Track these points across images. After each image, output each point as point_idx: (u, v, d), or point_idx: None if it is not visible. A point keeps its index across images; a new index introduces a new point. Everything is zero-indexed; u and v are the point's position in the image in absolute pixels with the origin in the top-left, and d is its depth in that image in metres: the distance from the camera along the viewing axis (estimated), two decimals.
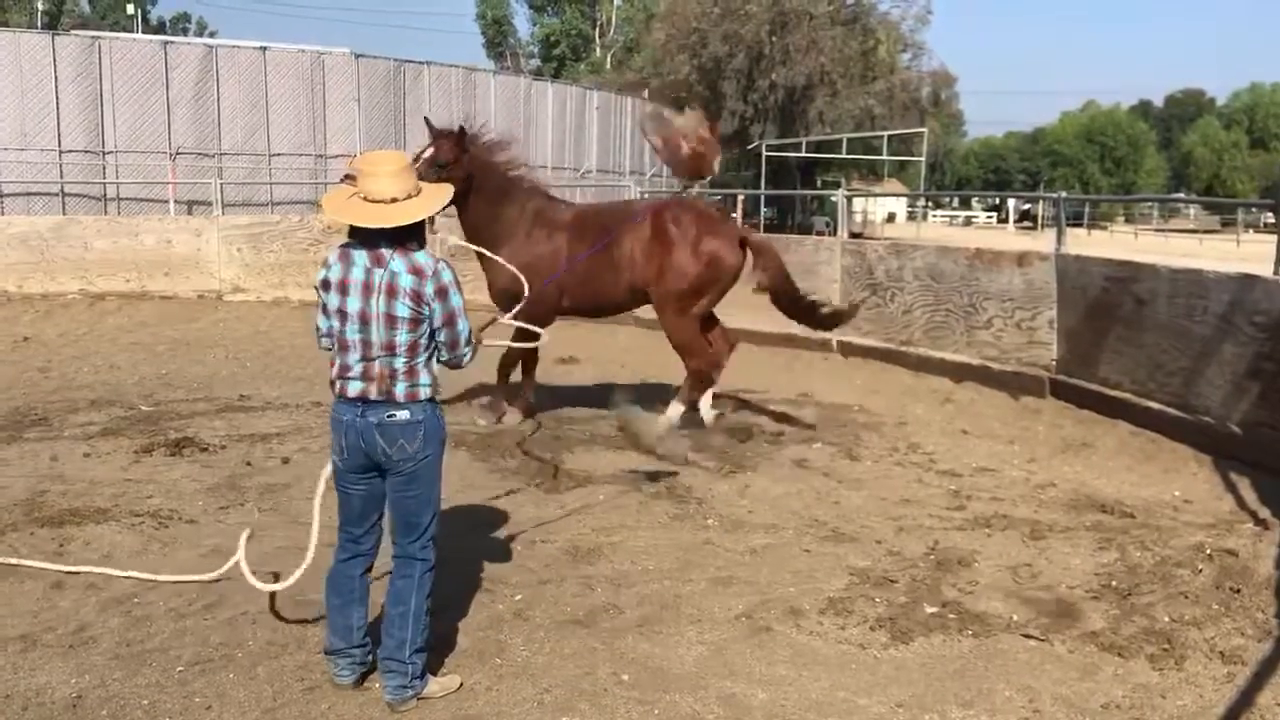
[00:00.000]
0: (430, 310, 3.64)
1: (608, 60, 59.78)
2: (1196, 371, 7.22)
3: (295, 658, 4.07)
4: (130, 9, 58.27)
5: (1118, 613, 4.57)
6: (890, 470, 6.96)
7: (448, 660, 4.07)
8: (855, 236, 21.06)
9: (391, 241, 3.61)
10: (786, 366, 10.48)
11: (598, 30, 64.15)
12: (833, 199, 24.51)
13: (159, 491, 6.12)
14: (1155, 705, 3.82)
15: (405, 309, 3.60)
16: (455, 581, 4.71)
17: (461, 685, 3.86)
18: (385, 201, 3.59)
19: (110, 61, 17.94)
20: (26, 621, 4.34)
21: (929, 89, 45.21)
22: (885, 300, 10.51)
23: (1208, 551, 5.23)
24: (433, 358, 3.75)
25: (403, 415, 3.65)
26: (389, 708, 3.70)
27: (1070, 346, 8.67)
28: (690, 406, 7.62)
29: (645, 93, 34.27)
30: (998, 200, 72.95)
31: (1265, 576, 4.89)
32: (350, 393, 3.68)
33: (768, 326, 9.70)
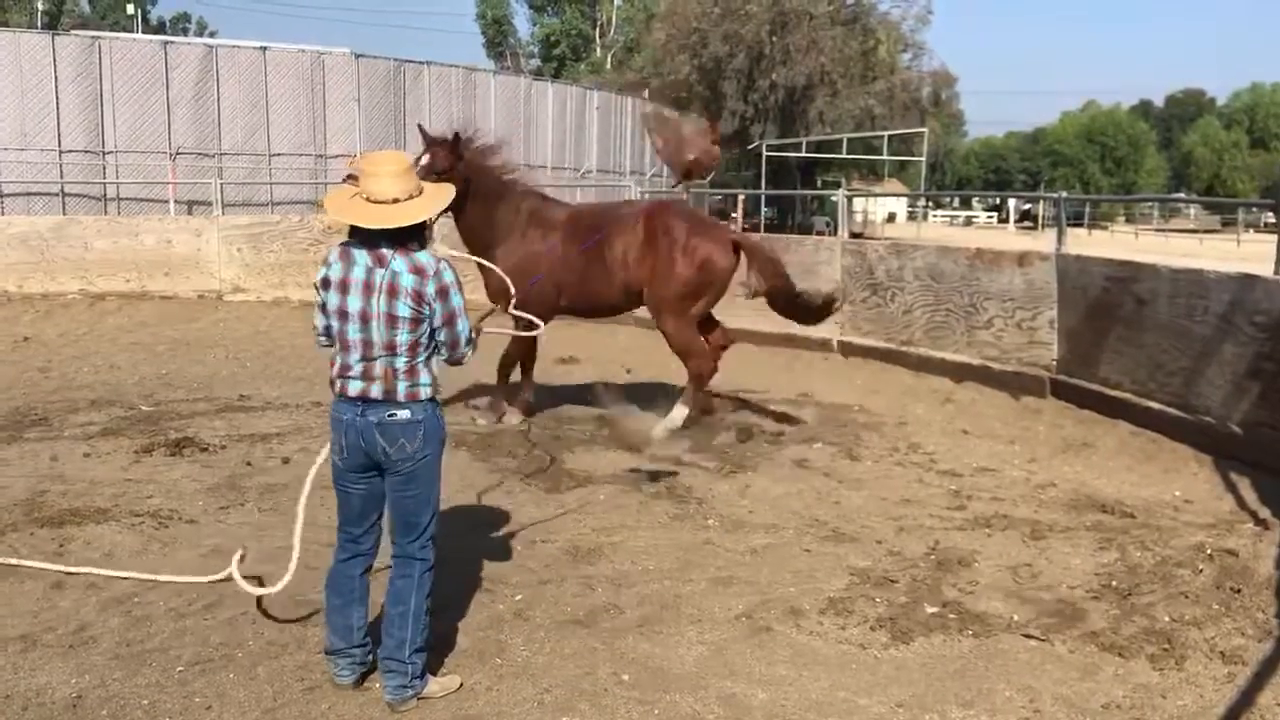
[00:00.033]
0: (431, 310, 3.65)
1: (608, 60, 59.78)
2: (1197, 371, 7.22)
3: (295, 658, 4.07)
4: (130, 9, 58.29)
5: (1118, 613, 4.57)
6: (891, 470, 6.96)
7: (448, 660, 4.07)
8: (856, 236, 21.04)
9: (393, 242, 3.62)
10: (786, 366, 10.48)
11: (598, 30, 64.15)
12: (833, 199, 24.50)
13: (159, 491, 6.11)
14: (1156, 705, 3.82)
15: (406, 309, 3.60)
16: (455, 581, 4.71)
17: (461, 685, 3.86)
18: (387, 202, 3.59)
19: (110, 61, 17.94)
20: (27, 621, 4.34)
21: (929, 89, 45.21)
22: (886, 300, 10.50)
23: (1208, 551, 5.23)
24: (433, 357, 3.76)
25: (403, 415, 3.65)
26: (389, 708, 3.70)
27: (1071, 346, 8.67)
28: (697, 408, 7.61)
29: (645, 93, 34.29)
30: (998, 200, 72.97)
31: (1265, 576, 4.89)
32: (350, 392, 3.68)
33: (768, 326, 9.70)
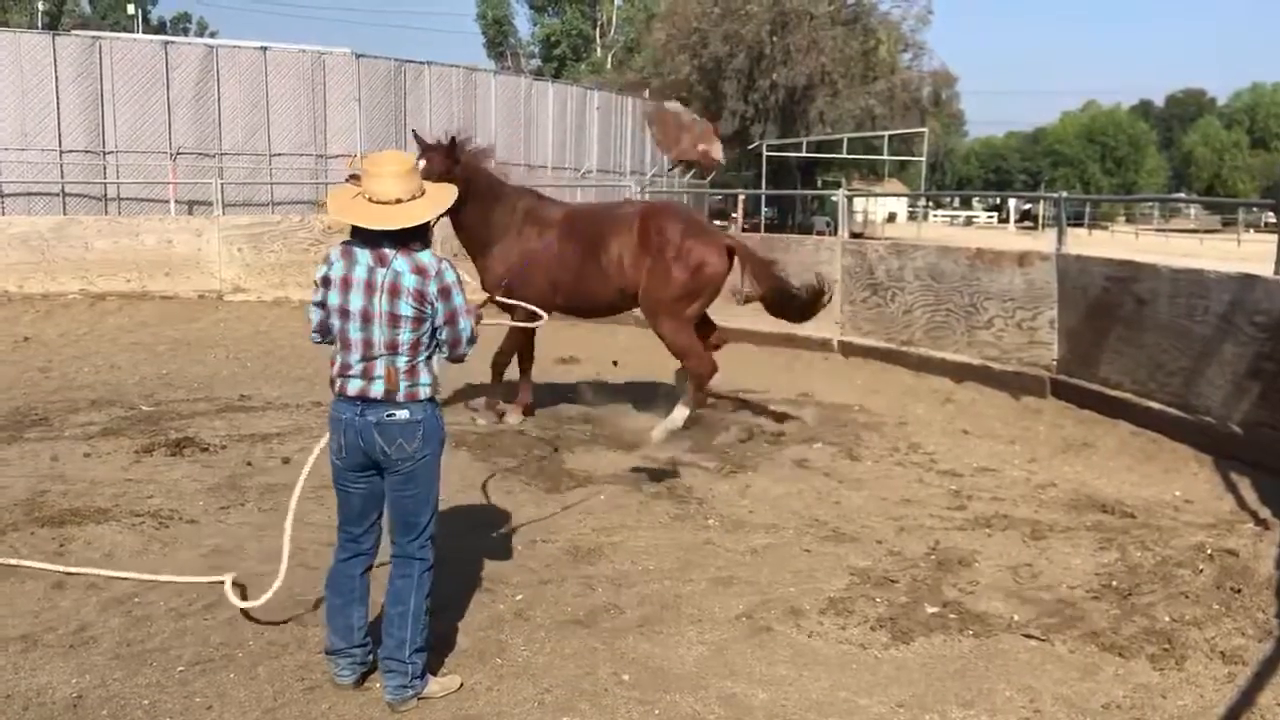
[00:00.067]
0: (433, 310, 3.65)
1: (608, 60, 59.78)
2: (1197, 371, 7.22)
3: (296, 658, 4.07)
4: (131, 9, 58.34)
5: (1118, 613, 4.57)
6: (891, 470, 6.96)
7: (448, 660, 4.07)
8: (856, 236, 21.03)
9: (395, 242, 3.62)
10: (786, 366, 10.48)
11: (598, 30, 64.15)
12: (833, 199, 24.48)
13: (159, 491, 6.11)
14: (1156, 705, 3.82)
15: (409, 308, 3.61)
16: (456, 581, 4.71)
17: (462, 685, 3.86)
18: (390, 203, 3.59)
19: (111, 61, 17.93)
20: (27, 621, 4.34)
21: (930, 89, 45.21)
22: (886, 300, 10.50)
23: (1208, 551, 5.23)
24: (433, 356, 3.76)
25: (402, 415, 3.65)
26: (389, 708, 3.70)
27: (1071, 346, 8.67)
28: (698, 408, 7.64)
29: (646, 93, 34.28)
30: (998, 200, 72.97)
31: (1266, 576, 4.89)
32: (350, 391, 3.67)
33: (767, 326, 9.69)
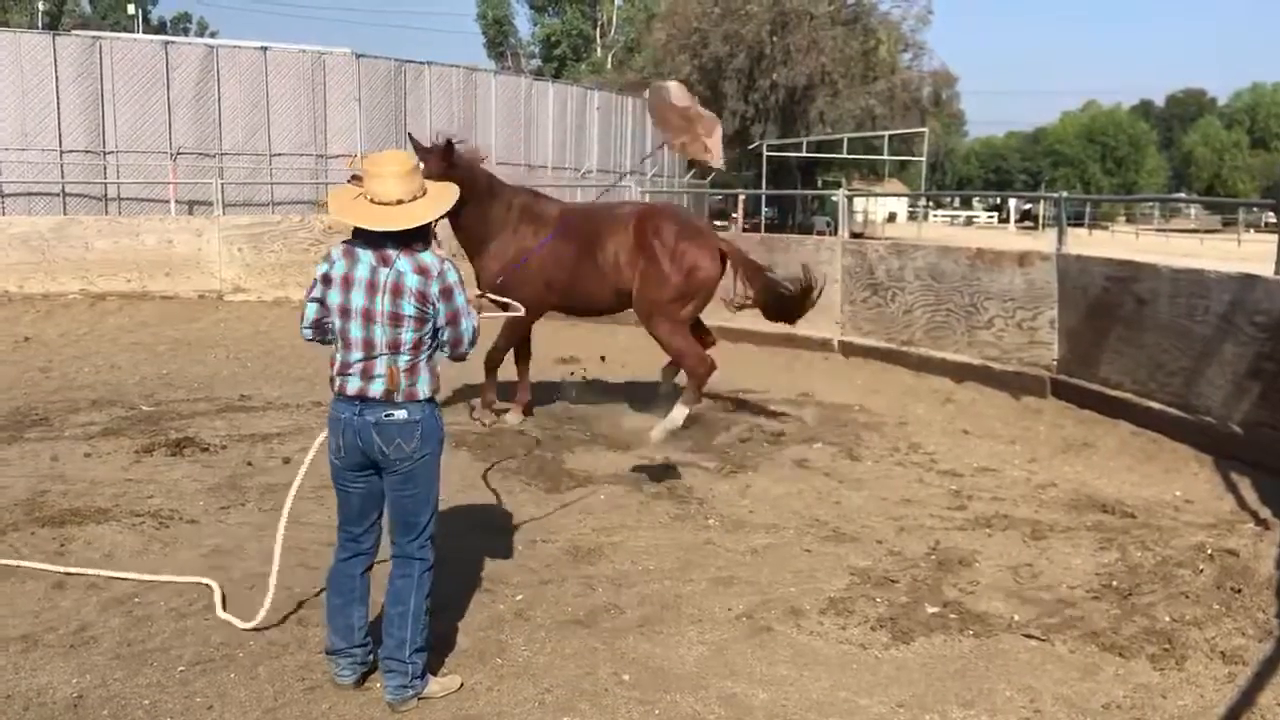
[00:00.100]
0: (435, 310, 3.65)
1: (609, 60, 59.79)
2: (1197, 371, 7.22)
3: (296, 658, 4.07)
4: (131, 9, 58.36)
5: (1119, 613, 4.57)
6: (891, 470, 6.96)
7: (449, 660, 4.07)
8: (856, 236, 21.04)
9: (398, 242, 3.62)
10: (786, 366, 10.48)
11: (598, 30, 64.16)
12: (833, 199, 24.49)
13: (160, 491, 6.11)
14: (1156, 705, 3.82)
15: (411, 308, 3.61)
16: (456, 581, 4.71)
17: (462, 685, 3.86)
18: (391, 203, 3.59)
19: (111, 61, 17.94)
20: (28, 621, 4.34)
21: (930, 89, 45.22)
22: (886, 300, 10.50)
23: (1209, 551, 5.23)
24: (433, 355, 3.76)
25: (400, 415, 3.65)
26: (390, 708, 3.70)
27: (1071, 346, 8.67)
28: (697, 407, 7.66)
29: (646, 93, 34.25)
30: (999, 200, 72.98)
31: (1266, 576, 4.89)
32: (349, 390, 3.67)
33: (768, 326, 9.66)
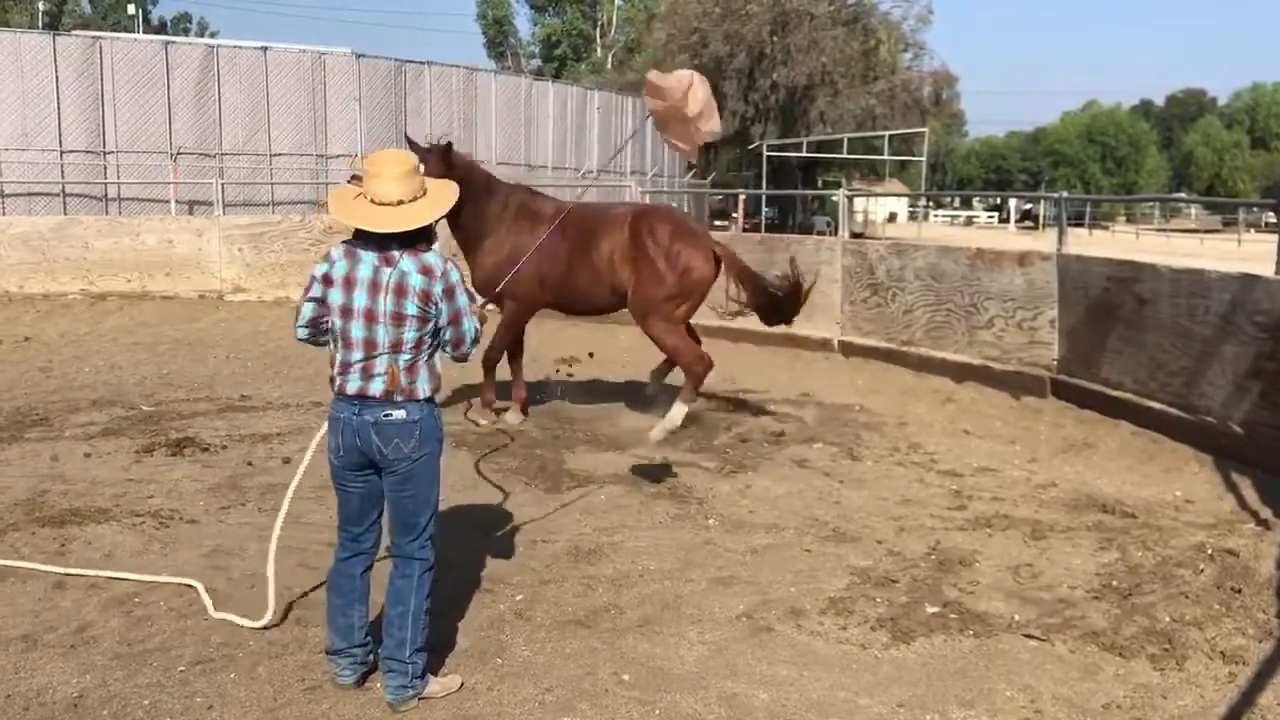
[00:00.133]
0: (438, 309, 3.65)
1: (609, 60, 59.80)
2: (1198, 371, 7.21)
3: (296, 658, 4.07)
4: (131, 9, 58.36)
5: (1119, 613, 4.57)
6: (891, 470, 6.96)
7: (449, 660, 4.07)
8: (856, 236, 21.03)
9: (402, 243, 3.62)
10: (786, 366, 10.48)
11: (599, 30, 64.18)
12: (834, 199, 24.46)
13: (160, 491, 6.12)
14: (1156, 705, 3.82)
15: (414, 307, 3.61)
16: (456, 581, 4.71)
17: (462, 685, 3.86)
18: (392, 204, 3.59)
19: (111, 62, 17.96)
20: (28, 621, 4.34)
21: (930, 89, 45.15)
22: (886, 300, 10.50)
23: (1209, 551, 5.23)
24: (434, 355, 3.76)
25: (399, 414, 3.65)
26: (390, 708, 3.70)
27: (1071, 346, 8.66)
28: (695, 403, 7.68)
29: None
30: (999, 200, 72.98)
31: (1266, 576, 4.89)
32: (349, 389, 3.67)
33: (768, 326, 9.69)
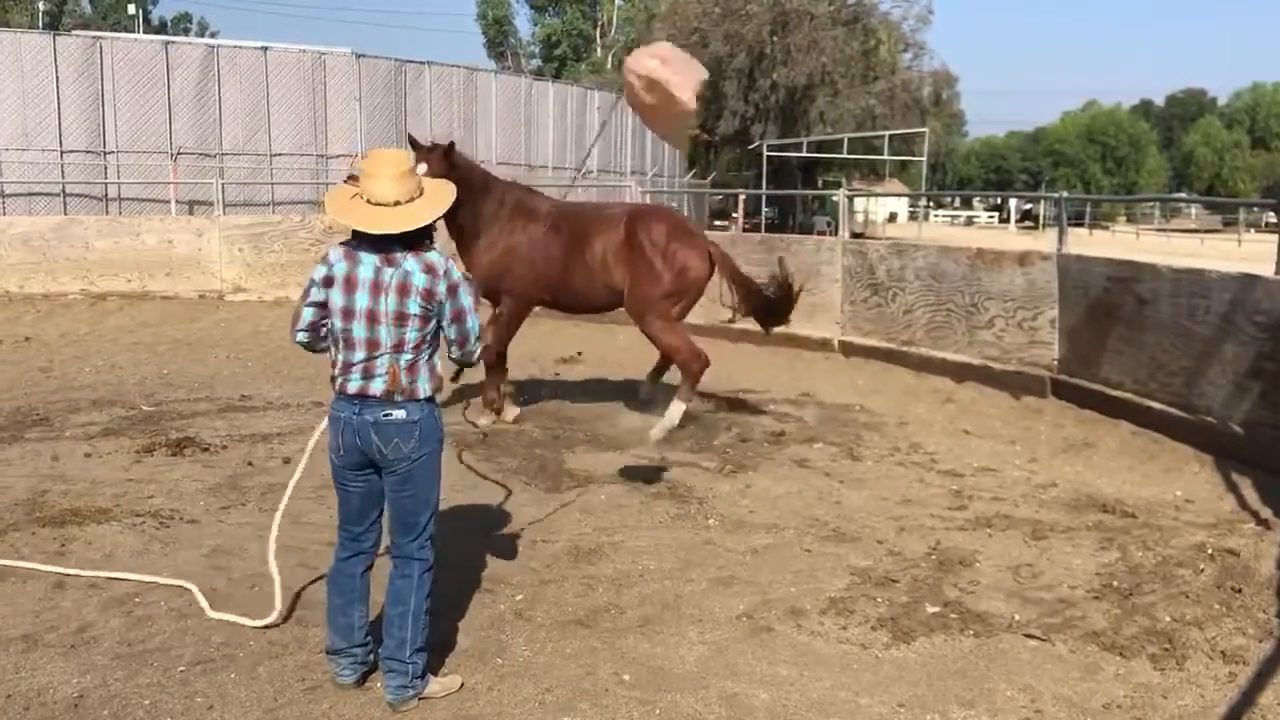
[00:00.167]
0: (440, 308, 3.65)
1: (609, 60, 59.77)
2: (1198, 371, 7.22)
3: (297, 657, 4.07)
4: (131, 9, 58.36)
5: (1119, 613, 4.57)
6: (892, 470, 6.96)
7: (449, 660, 4.07)
8: (857, 236, 21.04)
9: (404, 243, 3.61)
10: (787, 366, 10.48)
11: (599, 30, 64.19)
12: (834, 199, 24.48)
13: (160, 491, 6.11)
14: (1157, 705, 3.81)
15: (417, 306, 3.61)
16: (456, 581, 4.71)
17: (463, 685, 3.86)
18: (389, 205, 3.58)
19: (111, 62, 17.95)
20: (28, 621, 4.34)
21: (930, 89, 45.14)
22: (887, 300, 10.50)
23: (1209, 551, 5.23)
24: (435, 355, 3.76)
25: (399, 414, 3.65)
26: (390, 707, 3.70)
27: (1072, 346, 8.66)
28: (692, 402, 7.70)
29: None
30: (999, 200, 72.99)
31: (1267, 576, 4.89)
32: (350, 389, 3.67)
33: None
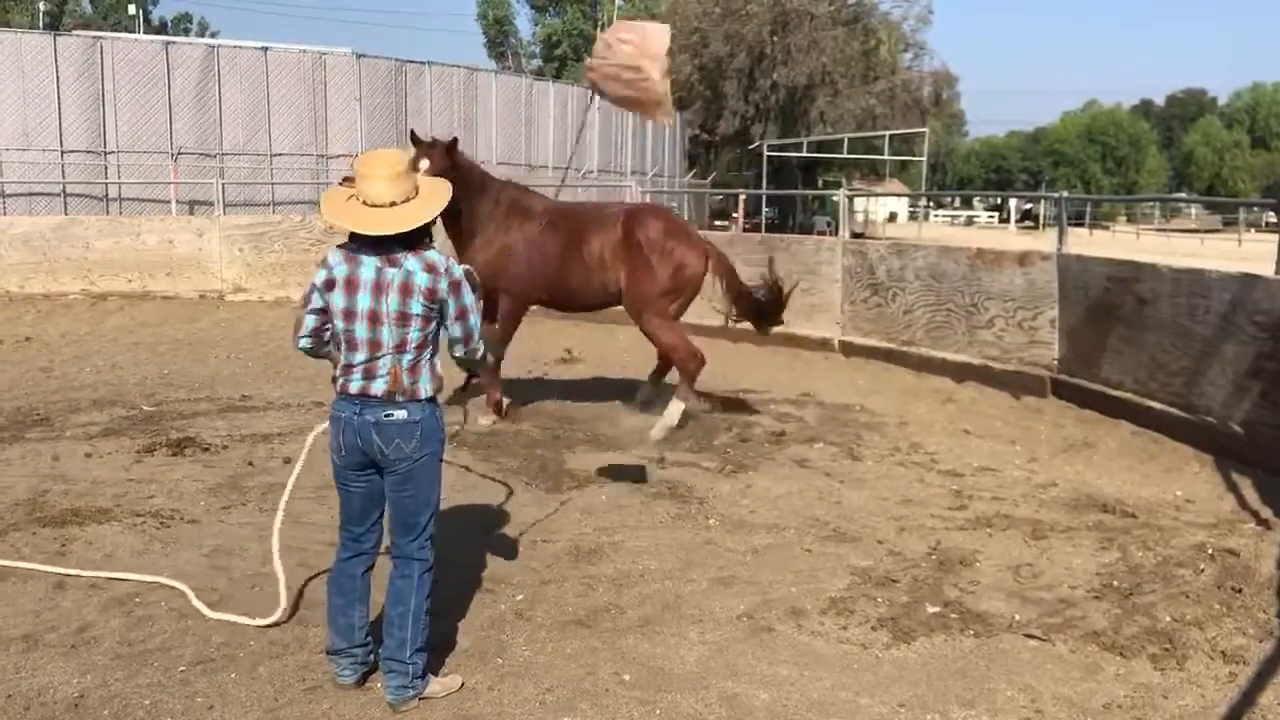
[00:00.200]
0: (444, 306, 3.66)
1: None
2: (1198, 371, 7.22)
3: (297, 658, 4.07)
4: (132, 9, 58.34)
5: (1119, 612, 4.57)
6: (892, 470, 6.96)
7: (449, 660, 4.07)
8: (857, 236, 21.04)
9: (405, 243, 3.61)
10: (787, 366, 10.48)
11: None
12: (834, 199, 24.49)
13: (161, 491, 6.12)
14: (1157, 705, 3.81)
15: (419, 306, 3.61)
16: (457, 581, 4.71)
17: (463, 685, 3.86)
18: (384, 206, 3.58)
19: (112, 62, 17.96)
20: (29, 621, 4.34)
21: (930, 89, 45.14)
22: (887, 300, 10.50)
23: (1209, 551, 5.23)
24: (436, 355, 3.76)
25: (400, 415, 3.65)
26: (390, 708, 3.70)
27: (1072, 346, 8.67)
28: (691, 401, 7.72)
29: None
30: (999, 200, 73.01)
31: (1267, 576, 4.89)
32: (351, 389, 3.68)
33: None
